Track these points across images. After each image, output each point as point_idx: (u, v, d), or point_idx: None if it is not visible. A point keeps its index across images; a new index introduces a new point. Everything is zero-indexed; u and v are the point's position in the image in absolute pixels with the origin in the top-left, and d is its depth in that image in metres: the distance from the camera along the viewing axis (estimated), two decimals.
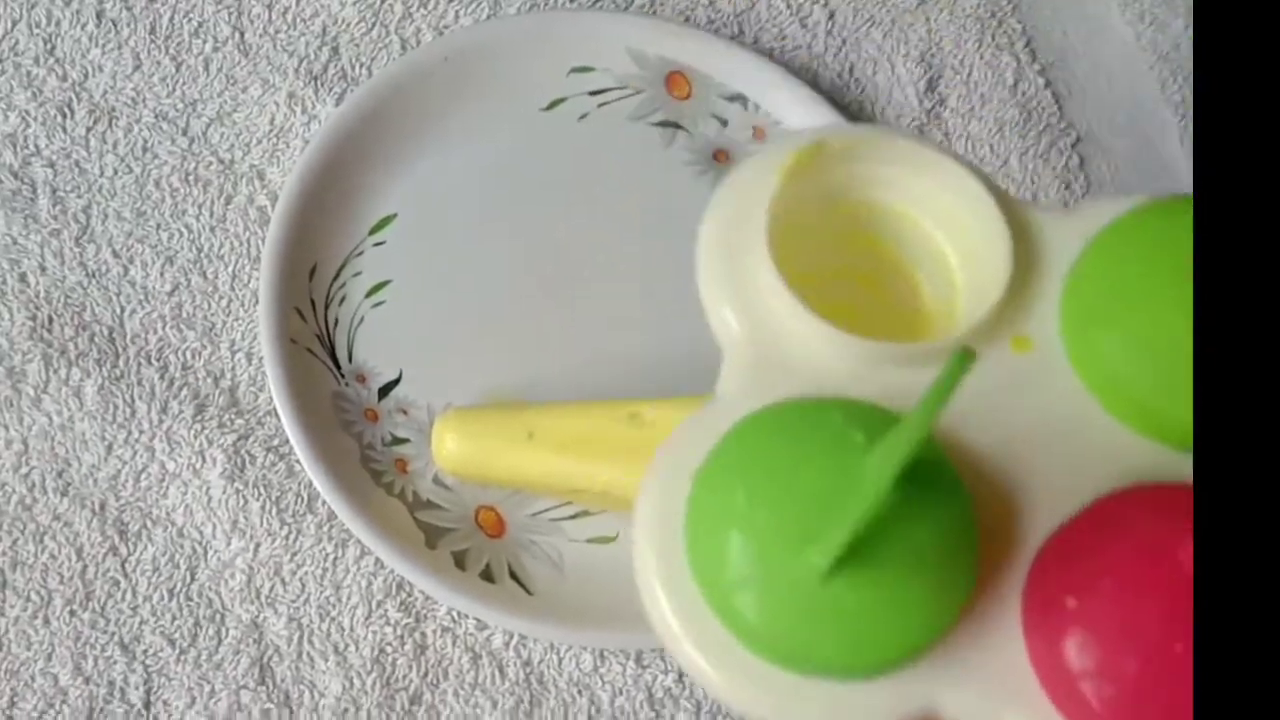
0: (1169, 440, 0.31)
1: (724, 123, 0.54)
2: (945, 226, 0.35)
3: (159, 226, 0.51)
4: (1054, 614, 0.28)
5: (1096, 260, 0.33)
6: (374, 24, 0.54)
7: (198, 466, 0.48)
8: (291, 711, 0.46)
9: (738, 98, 0.54)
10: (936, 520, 0.28)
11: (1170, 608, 0.27)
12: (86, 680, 0.46)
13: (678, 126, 0.54)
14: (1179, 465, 0.31)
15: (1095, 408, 0.32)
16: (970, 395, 0.27)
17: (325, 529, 0.48)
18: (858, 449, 0.27)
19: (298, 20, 0.54)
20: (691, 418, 0.32)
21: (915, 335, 0.35)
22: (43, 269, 0.50)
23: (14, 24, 0.53)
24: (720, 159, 0.54)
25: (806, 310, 0.31)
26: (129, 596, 0.47)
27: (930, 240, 0.35)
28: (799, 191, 0.34)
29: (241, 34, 0.54)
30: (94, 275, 0.50)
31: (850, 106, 0.55)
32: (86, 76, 0.53)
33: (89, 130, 0.52)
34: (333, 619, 0.47)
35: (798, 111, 0.53)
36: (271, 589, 0.47)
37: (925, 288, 0.36)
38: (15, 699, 0.46)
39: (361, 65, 0.54)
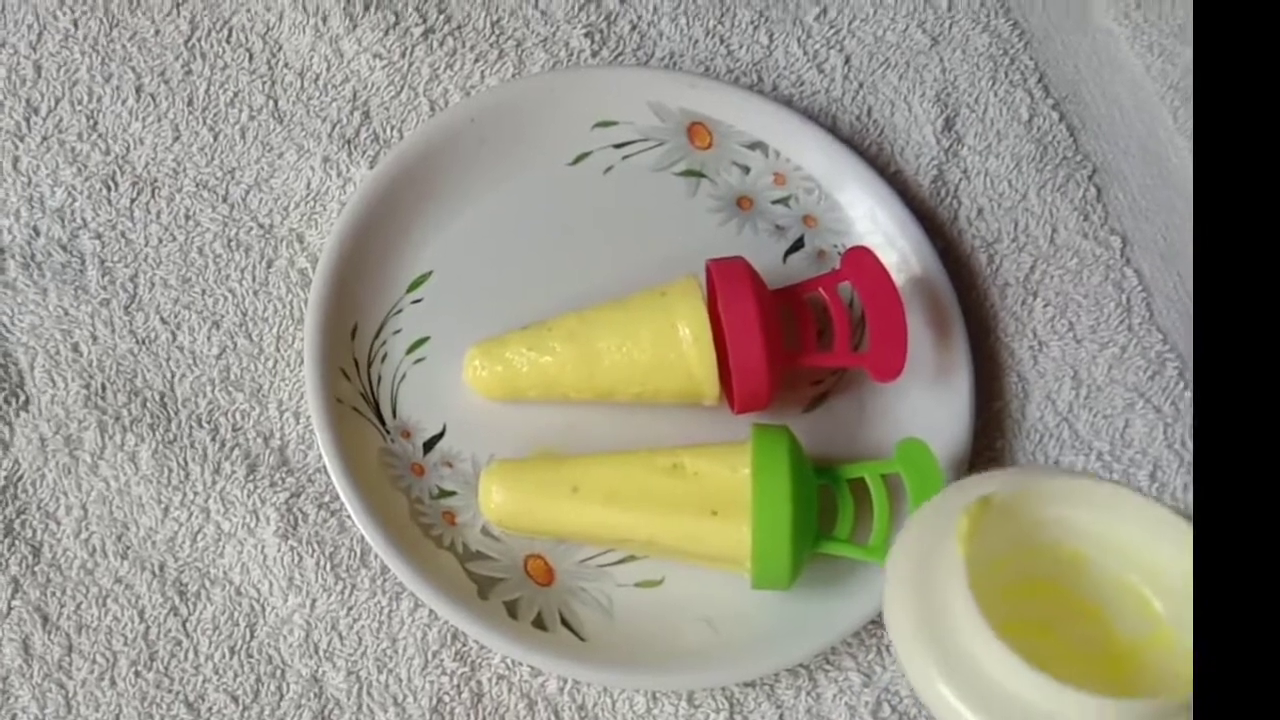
0: None
1: (746, 170, 0.55)
2: (1134, 563, 0.36)
3: (204, 292, 0.53)
4: None
5: None
6: (402, 87, 0.56)
7: (252, 525, 0.49)
8: None
9: (758, 145, 0.55)
10: None
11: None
12: None
13: (701, 175, 0.55)
14: None
15: None
16: None
17: (379, 582, 0.49)
18: None
19: (329, 86, 0.56)
20: None
21: (1109, 670, 0.36)
22: (94, 338, 0.52)
23: (57, 102, 0.55)
24: (744, 205, 0.55)
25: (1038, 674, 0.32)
26: (191, 655, 0.48)
27: (1118, 577, 0.36)
28: (985, 538, 0.35)
29: (275, 102, 0.55)
30: (144, 342, 0.52)
31: (870, 149, 0.57)
32: (129, 149, 0.54)
33: (133, 201, 0.54)
34: (390, 671, 0.48)
35: (817, 156, 0.55)
36: (329, 643, 0.48)
37: (1115, 623, 0.36)
38: None
39: (393, 128, 0.55)
